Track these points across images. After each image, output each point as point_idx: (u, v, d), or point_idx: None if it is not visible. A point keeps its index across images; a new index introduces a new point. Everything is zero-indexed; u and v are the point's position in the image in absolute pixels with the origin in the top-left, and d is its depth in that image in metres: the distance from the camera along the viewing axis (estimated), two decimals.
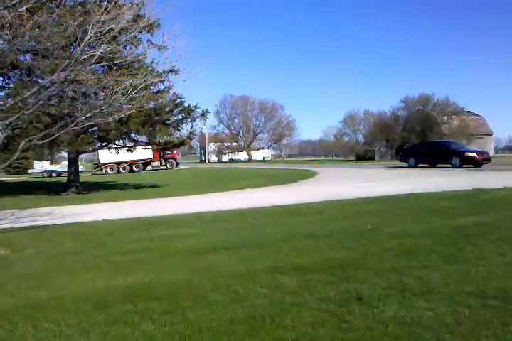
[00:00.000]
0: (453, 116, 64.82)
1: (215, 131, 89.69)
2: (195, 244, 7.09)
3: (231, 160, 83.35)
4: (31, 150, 17.36)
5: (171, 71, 19.63)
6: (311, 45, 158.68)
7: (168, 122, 18.53)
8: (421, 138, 64.04)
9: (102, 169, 51.05)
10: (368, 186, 16.32)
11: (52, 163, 56.76)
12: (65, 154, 22.61)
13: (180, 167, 53.27)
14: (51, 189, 21.19)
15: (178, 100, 18.39)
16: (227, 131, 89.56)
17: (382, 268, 5.38)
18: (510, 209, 9.33)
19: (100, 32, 6.13)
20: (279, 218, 9.51)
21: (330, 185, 18.00)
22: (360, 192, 13.72)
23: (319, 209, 10.45)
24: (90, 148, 19.42)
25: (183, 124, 19.01)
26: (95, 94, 6.78)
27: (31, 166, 55.60)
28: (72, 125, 6.75)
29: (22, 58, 13.97)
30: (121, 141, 21.05)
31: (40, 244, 7.48)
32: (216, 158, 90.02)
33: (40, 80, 9.44)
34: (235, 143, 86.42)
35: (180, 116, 18.84)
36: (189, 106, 18.74)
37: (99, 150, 52.99)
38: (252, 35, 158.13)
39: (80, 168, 55.25)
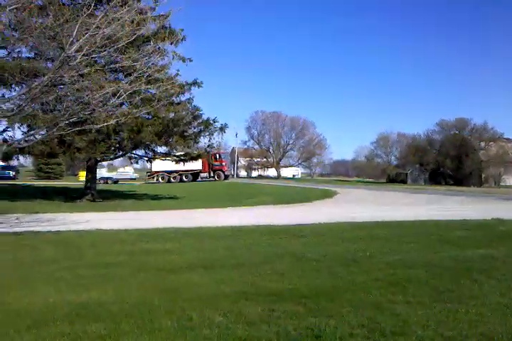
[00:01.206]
0: (490, 143, 62.63)
1: (246, 147, 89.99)
2: (174, 261, 6.77)
3: (260, 176, 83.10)
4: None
5: (194, 83, 19.73)
6: (345, 64, 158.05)
7: (185, 134, 18.47)
8: (456, 163, 62.19)
9: (153, 177, 51.75)
10: (384, 210, 15.63)
11: (109, 171, 58.45)
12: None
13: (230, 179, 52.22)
14: (69, 195, 21.42)
15: (197, 113, 18.36)
16: (257, 146, 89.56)
17: (361, 302, 4.89)
18: None
19: (93, 36, 6.02)
20: (276, 238, 9.08)
21: (344, 206, 17.41)
22: (373, 215, 13.11)
23: (322, 231, 9.96)
24: (109, 157, 19.53)
25: (201, 137, 18.95)
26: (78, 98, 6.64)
27: (63, 172, 57.05)
28: (55, 129, 6.63)
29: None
30: (141, 151, 21.13)
31: (21, 251, 7.31)
32: (245, 173, 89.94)
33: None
34: (264, 159, 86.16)
35: (198, 129, 18.78)
36: (208, 119, 18.67)
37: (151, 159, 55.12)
38: (286, 50, 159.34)
39: (135, 175, 56.74)
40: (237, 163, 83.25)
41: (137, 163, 22.28)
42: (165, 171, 50.21)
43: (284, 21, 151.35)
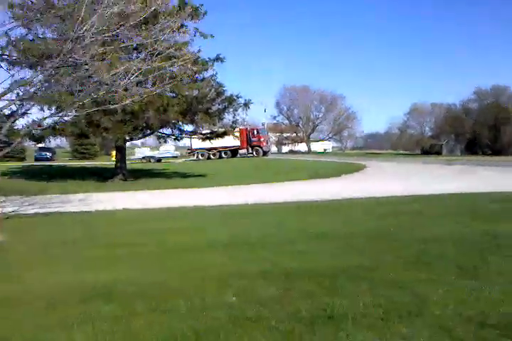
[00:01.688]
0: None
1: (275, 122, 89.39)
2: (196, 239, 6.80)
3: (291, 151, 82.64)
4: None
5: (217, 59, 19.45)
6: (374, 36, 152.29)
7: (210, 111, 18.36)
8: (494, 132, 59.83)
9: (194, 154, 52.38)
10: (414, 184, 15.20)
11: (152, 150, 59.89)
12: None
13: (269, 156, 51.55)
14: (102, 175, 21.90)
15: (221, 89, 18.16)
16: (286, 121, 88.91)
17: (382, 280, 4.75)
18: None
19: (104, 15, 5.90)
20: (304, 215, 8.97)
21: (375, 180, 17.04)
22: (404, 189, 12.76)
23: (350, 207, 9.77)
24: (137, 136, 19.73)
25: (226, 114, 18.80)
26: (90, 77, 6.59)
27: (97, 152, 58.44)
28: (74, 110, 6.65)
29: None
30: (169, 130, 21.22)
31: (39, 232, 7.52)
32: (276, 149, 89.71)
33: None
34: (294, 134, 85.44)
35: (222, 106, 18.62)
36: (231, 95, 18.44)
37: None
38: (314, 24, 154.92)
39: (176, 153, 57.77)
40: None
41: (165, 141, 22.41)
42: (204, 148, 50.09)
43: None
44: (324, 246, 6.30)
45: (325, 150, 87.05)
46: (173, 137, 21.32)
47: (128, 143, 29.35)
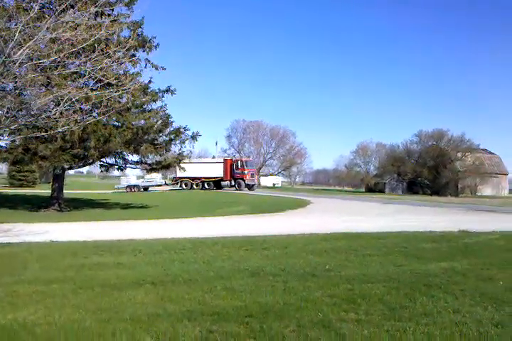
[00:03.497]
0: (467, 153, 63.55)
1: (226, 155, 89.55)
2: (123, 276, 6.45)
3: None
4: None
5: (167, 91, 19.48)
6: (325, 74, 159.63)
7: (156, 142, 18.16)
8: (433, 173, 62.98)
9: (177, 183, 51.09)
10: (354, 220, 15.52)
11: (138, 178, 57.64)
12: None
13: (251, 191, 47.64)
14: (36, 204, 20.77)
15: (168, 121, 18.08)
16: (237, 155, 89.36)
17: (310, 320, 4.68)
18: (490, 257, 8.49)
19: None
20: (238, 250, 8.83)
21: (316, 216, 17.26)
22: (343, 226, 12.96)
23: (287, 243, 9.73)
24: (77, 165, 18.98)
25: (172, 145, 18.65)
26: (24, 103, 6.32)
27: (36, 179, 55.65)
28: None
29: None
30: (112, 159, 20.70)
31: None
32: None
33: None
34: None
35: (169, 137, 18.49)
36: (179, 127, 18.41)
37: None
38: (266, 59, 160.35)
39: (162, 181, 55.29)
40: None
41: (107, 170, 21.77)
42: (188, 177, 49.17)
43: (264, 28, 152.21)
44: (255, 283, 6.16)
45: (274, 184, 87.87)
46: (116, 167, 20.78)
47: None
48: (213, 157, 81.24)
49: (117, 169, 20.91)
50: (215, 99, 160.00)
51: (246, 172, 48.26)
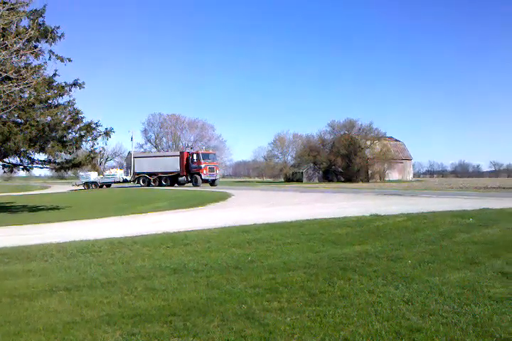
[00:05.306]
0: (375, 141, 67.74)
1: (143, 150, 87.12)
2: (34, 284, 6.01)
3: None
4: None
5: (74, 84, 18.38)
6: (243, 67, 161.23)
7: (64, 139, 17.07)
8: (346, 161, 66.29)
9: (135, 180, 47.26)
10: (274, 211, 15.86)
11: (99, 174, 52.72)
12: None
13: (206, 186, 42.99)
14: None
15: (78, 117, 17.07)
16: (154, 150, 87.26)
17: (235, 313, 4.70)
18: (399, 238, 9.11)
19: None
20: (159, 248, 8.62)
21: (237, 209, 17.36)
22: (263, 217, 13.15)
23: (209, 237, 9.68)
24: None
25: (83, 142, 17.64)
26: None
27: None
28: None
29: None
30: (16, 159, 19.15)
31: None
32: None
33: None
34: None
35: (79, 134, 17.47)
36: (90, 123, 17.45)
37: (134, 159, 48.75)
38: (189, 51, 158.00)
39: (123, 177, 50.06)
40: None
41: (11, 171, 20.11)
42: (146, 173, 45.68)
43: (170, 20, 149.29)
44: (178, 280, 6.06)
45: None
46: (21, 167, 19.25)
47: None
48: (128, 152, 78.28)
49: (23, 169, 19.40)
50: (131, 93, 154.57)
51: (203, 166, 43.79)
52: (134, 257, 7.80)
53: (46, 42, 17.10)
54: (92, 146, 17.84)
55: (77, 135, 17.52)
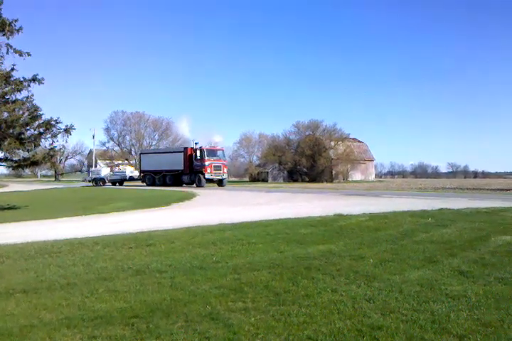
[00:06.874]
0: (339, 142, 68.88)
1: (105, 148, 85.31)
2: None
3: None
4: None
5: (33, 80, 17.73)
6: (206, 66, 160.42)
7: (22, 136, 16.46)
8: (311, 161, 67.07)
9: (142, 177, 44.91)
10: (239, 210, 15.88)
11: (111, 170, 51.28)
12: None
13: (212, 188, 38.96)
14: None
15: (36, 113, 16.48)
16: (117, 148, 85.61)
17: (199, 314, 4.66)
18: (362, 237, 9.30)
19: None
20: (121, 249, 8.44)
21: (201, 209, 17.27)
22: (228, 217, 13.14)
23: (173, 238, 9.56)
24: None
25: (42, 140, 17.05)
26: None
27: None
28: None
29: None
30: None
31: None
32: None
33: None
34: (126, 161, 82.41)
35: (38, 131, 16.88)
36: (50, 120, 16.87)
37: (141, 155, 46.88)
38: (151, 51, 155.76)
39: (131, 174, 47.15)
40: (96, 165, 78.18)
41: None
42: (151, 171, 42.78)
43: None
44: (140, 282, 5.96)
45: None
46: None
47: None
48: (90, 150, 75.88)
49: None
50: (93, 89, 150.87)
51: (207, 163, 38.26)
52: (95, 258, 7.60)
53: (4, 35, 16.45)
54: (52, 144, 17.29)
55: (35, 132, 16.91)
